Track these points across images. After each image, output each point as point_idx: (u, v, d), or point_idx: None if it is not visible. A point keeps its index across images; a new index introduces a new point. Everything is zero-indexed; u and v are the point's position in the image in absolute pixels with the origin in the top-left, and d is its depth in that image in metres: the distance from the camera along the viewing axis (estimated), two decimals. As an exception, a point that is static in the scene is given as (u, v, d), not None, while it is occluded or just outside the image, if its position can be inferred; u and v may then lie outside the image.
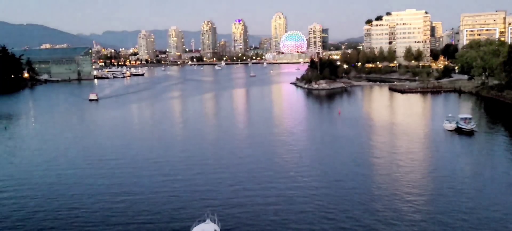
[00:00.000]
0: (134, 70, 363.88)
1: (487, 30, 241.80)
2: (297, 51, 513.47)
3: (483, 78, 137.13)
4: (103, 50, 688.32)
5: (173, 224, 40.65)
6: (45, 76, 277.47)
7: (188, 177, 55.27)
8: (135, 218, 42.15)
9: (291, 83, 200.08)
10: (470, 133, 76.41)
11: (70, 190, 51.39)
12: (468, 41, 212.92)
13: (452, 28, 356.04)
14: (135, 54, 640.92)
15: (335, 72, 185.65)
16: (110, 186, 52.54)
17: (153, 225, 40.55)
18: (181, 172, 57.59)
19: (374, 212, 41.96)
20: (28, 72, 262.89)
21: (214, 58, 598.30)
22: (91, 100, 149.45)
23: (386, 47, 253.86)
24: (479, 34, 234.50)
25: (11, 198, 49.39)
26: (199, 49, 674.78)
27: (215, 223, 36.58)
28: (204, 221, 37.02)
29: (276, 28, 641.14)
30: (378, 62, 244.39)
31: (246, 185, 51.64)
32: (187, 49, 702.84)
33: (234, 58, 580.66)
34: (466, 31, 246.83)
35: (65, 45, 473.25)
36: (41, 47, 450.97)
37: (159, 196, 48.17)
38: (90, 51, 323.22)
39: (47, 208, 45.63)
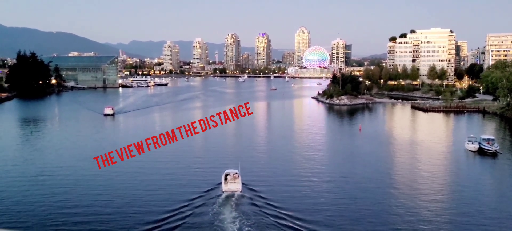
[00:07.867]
0: (158, 80, 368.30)
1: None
2: (320, 66, 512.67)
3: (508, 99, 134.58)
4: (128, 59, 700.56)
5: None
6: (71, 83, 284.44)
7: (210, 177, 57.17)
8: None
9: (312, 97, 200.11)
10: (493, 155, 75.10)
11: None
12: (493, 62, 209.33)
13: (478, 48, 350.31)
14: (159, 64, 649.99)
15: (357, 88, 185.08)
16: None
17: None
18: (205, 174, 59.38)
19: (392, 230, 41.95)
20: (55, 79, 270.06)
21: (237, 71, 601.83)
22: (106, 115, 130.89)
23: (409, 65, 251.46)
24: (505, 55, 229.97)
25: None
26: (223, 61, 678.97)
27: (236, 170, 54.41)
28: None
29: (299, 42, 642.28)
30: (401, 80, 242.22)
31: (259, 178, 59.65)
32: (210, 61, 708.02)
33: (257, 71, 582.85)
34: (492, 51, 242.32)
35: (92, 54, 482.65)
36: (69, 54, 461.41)
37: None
38: (115, 60, 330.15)
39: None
